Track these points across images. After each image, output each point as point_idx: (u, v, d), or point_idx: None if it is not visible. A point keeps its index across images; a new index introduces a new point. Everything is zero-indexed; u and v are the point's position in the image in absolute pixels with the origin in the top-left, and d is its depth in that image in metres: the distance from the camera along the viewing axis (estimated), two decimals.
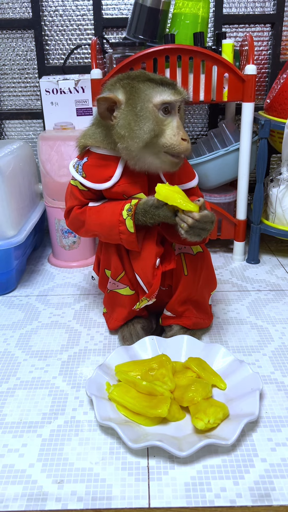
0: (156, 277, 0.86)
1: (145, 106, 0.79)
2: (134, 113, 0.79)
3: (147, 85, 0.80)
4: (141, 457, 0.69)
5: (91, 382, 0.80)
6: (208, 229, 0.81)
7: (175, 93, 0.80)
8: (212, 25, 1.41)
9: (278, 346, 0.94)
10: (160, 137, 0.80)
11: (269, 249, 1.41)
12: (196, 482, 0.65)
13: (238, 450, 0.70)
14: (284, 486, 0.64)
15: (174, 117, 0.81)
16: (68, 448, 0.71)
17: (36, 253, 1.42)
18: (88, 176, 0.88)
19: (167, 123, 0.81)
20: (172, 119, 0.81)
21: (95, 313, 1.08)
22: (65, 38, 1.43)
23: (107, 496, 0.63)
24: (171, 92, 0.80)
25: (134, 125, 0.79)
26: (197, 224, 0.79)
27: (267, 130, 1.19)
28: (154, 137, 0.79)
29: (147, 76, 0.81)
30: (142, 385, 0.77)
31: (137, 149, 0.81)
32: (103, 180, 0.86)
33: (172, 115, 0.81)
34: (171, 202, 0.79)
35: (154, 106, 0.79)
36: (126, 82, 0.81)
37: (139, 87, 0.80)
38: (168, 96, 0.80)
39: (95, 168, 0.87)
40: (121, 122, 0.80)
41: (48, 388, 0.84)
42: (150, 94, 0.79)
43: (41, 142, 1.25)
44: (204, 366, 0.84)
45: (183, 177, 0.90)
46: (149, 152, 0.81)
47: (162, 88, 0.80)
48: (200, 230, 0.80)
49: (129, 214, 0.83)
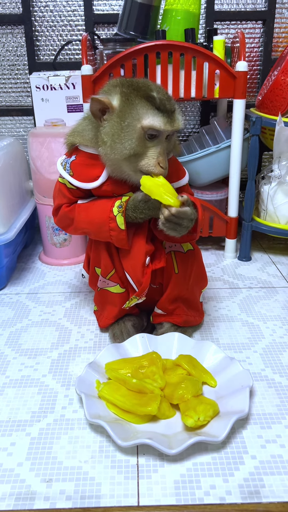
0: (146, 276, 0.85)
1: (133, 124, 0.77)
2: (120, 126, 0.77)
3: (143, 103, 0.77)
4: (131, 455, 0.69)
5: (81, 380, 0.79)
6: (185, 225, 0.80)
7: (167, 123, 0.77)
8: (204, 22, 1.40)
9: (269, 343, 0.94)
10: (139, 157, 0.79)
11: (260, 247, 1.41)
12: (185, 480, 0.65)
13: (228, 447, 0.70)
14: (274, 483, 0.64)
15: (159, 144, 0.79)
16: (57, 447, 0.70)
17: (27, 251, 1.41)
18: (76, 175, 0.87)
19: (150, 147, 0.78)
20: (156, 145, 0.79)
21: (85, 311, 1.08)
22: (55, 34, 1.42)
23: (96, 495, 0.63)
24: (164, 121, 0.77)
25: (117, 138, 0.78)
26: (173, 218, 0.78)
27: (259, 127, 1.19)
28: (133, 155, 0.78)
29: (149, 93, 0.77)
30: (132, 382, 0.76)
31: (115, 160, 0.80)
32: (91, 180, 0.85)
33: (158, 141, 0.79)
34: (154, 195, 0.79)
35: (141, 127, 0.77)
36: (125, 91, 0.78)
37: (135, 102, 0.77)
38: (159, 124, 0.77)
39: (83, 167, 0.86)
40: (107, 129, 0.79)
41: (38, 386, 0.83)
42: (141, 114, 0.76)
43: (31, 139, 1.24)
44: (195, 364, 0.83)
45: (173, 175, 0.89)
46: (127, 165, 0.81)
47: (156, 113, 0.77)
48: (176, 225, 0.79)
49: (120, 211, 0.82)
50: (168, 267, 0.90)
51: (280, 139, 1.18)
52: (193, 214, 0.81)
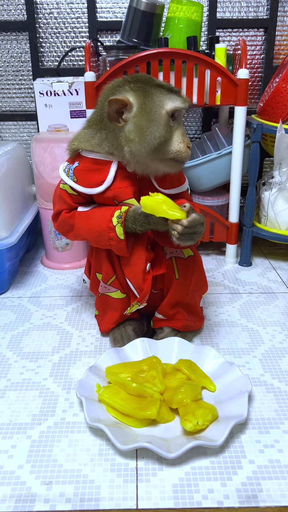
0: (147, 282, 0.86)
1: (158, 111, 0.79)
2: (148, 118, 0.79)
3: (159, 90, 0.80)
4: (130, 459, 0.69)
5: (82, 384, 0.80)
6: (199, 231, 0.82)
7: (184, 101, 0.82)
8: (206, 29, 1.42)
9: (268, 348, 0.95)
10: (167, 143, 0.81)
11: (261, 252, 1.42)
12: (184, 484, 0.65)
13: (227, 451, 0.70)
14: (271, 487, 0.64)
15: (180, 124, 0.83)
16: (57, 450, 0.71)
17: (29, 255, 1.43)
18: (80, 181, 0.87)
19: (174, 130, 0.82)
20: (178, 126, 0.83)
21: (87, 315, 1.09)
22: (59, 40, 1.43)
23: (95, 498, 0.63)
24: (181, 100, 0.82)
25: (146, 130, 0.79)
26: (187, 230, 0.79)
27: (259, 134, 1.20)
28: (162, 143, 0.80)
29: (155, 81, 0.82)
30: (131, 387, 0.77)
31: (144, 154, 0.81)
32: (95, 185, 0.86)
33: (178, 122, 0.83)
34: (158, 214, 0.80)
35: (166, 112, 0.80)
36: (137, 86, 0.80)
37: (152, 92, 0.80)
38: (179, 103, 0.81)
39: (87, 173, 0.87)
40: (131, 126, 0.80)
41: (39, 389, 0.84)
42: (163, 101, 0.80)
43: (34, 144, 1.25)
44: (194, 368, 0.84)
45: (174, 181, 0.91)
46: (155, 157, 0.82)
47: (172, 95, 0.81)
48: (192, 235, 0.81)
49: (119, 221, 0.83)
50: (168, 273, 0.91)
51: (281, 146, 1.19)
52: (202, 218, 0.82)
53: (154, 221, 0.82)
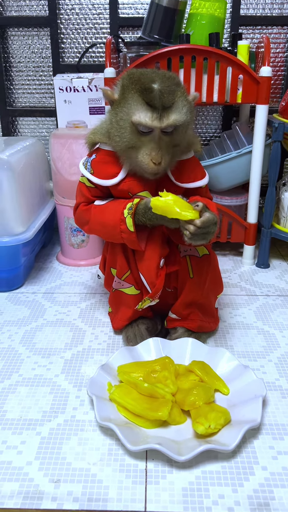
0: (160, 278, 0.85)
1: (125, 118, 0.78)
2: (116, 119, 0.80)
3: (135, 98, 0.77)
4: (140, 460, 0.68)
5: (93, 382, 0.79)
6: (212, 231, 0.80)
7: (156, 119, 0.76)
8: (229, 26, 1.39)
9: (285, 352, 0.93)
10: (135, 150, 0.79)
11: (280, 254, 1.40)
12: (194, 488, 0.64)
13: (239, 457, 0.69)
14: (284, 495, 0.63)
15: (153, 139, 0.78)
16: (67, 448, 0.70)
17: (45, 251, 1.43)
18: (96, 173, 0.88)
19: (144, 141, 0.78)
20: (151, 139, 0.78)
21: (100, 312, 1.08)
22: (80, 36, 1.43)
23: (103, 498, 0.62)
24: (152, 117, 0.76)
25: (115, 130, 0.80)
26: (200, 230, 0.78)
27: (281, 133, 1.17)
28: (131, 147, 0.79)
29: (146, 86, 0.76)
30: (143, 387, 0.76)
31: (120, 150, 0.81)
32: (110, 177, 0.86)
33: (152, 136, 0.78)
34: (171, 215, 0.78)
35: (131, 122, 0.77)
36: (125, 83, 0.79)
37: (128, 97, 0.78)
38: (145, 120, 0.76)
39: (102, 165, 0.87)
40: (108, 120, 0.82)
41: (50, 386, 0.83)
42: (132, 109, 0.77)
43: (53, 140, 1.25)
44: (208, 370, 0.83)
45: (192, 174, 0.89)
46: (129, 157, 0.81)
47: (146, 108, 0.76)
48: (204, 234, 0.79)
49: (129, 213, 0.82)
50: (183, 272, 0.89)
51: None
52: (215, 217, 0.80)
53: (161, 217, 0.81)
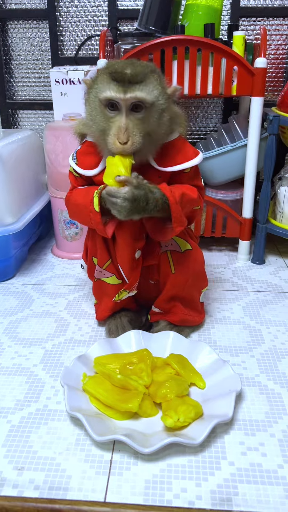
0: (136, 270, 0.84)
1: (95, 99, 0.78)
2: (90, 103, 0.79)
3: (103, 77, 0.76)
4: (106, 451, 0.68)
5: (67, 372, 0.79)
6: (119, 204, 0.75)
7: (121, 91, 0.74)
8: (229, 18, 1.37)
9: (268, 348, 0.91)
10: (106, 133, 0.77)
11: (277, 250, 1.37)
12: (157, 480, 0.63)
13: (207, 451, 0.67)
14: (248, 491, 0.61)
15: (122, 115, 0.76)
16: (35, 436, 0.70)
17: (41, 243, 1.43)
18: (80, 163, 0.88)
19: (114, 121, 0.76)
20: (119, 118, 0.76)
21: (87, 304, 1.07)
22: (79, 29, 1.43)
23: (64, 487, 0.62)
24: (117, 90, 0.74)
25: (89, 115, 0.80)
26: (106, 196, 0.76)
27: (276, 126, 1.15)
28: (103, 131, 0.78)
29: (113, 68, 0.76)
30: (116, 378, 0.75)
31: (96, 137, 0.81)
32: (91, 167, 0.86)
33: (120, 113, 0.76)
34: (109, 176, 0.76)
35: (99, 100, 0.76)
36: (100, 70, 0.79)
37: (98, 78, 0.77)
38: (111, 93, 0.74)
39: (85, 155, 0.87)
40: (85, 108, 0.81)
41: (27, 375, 0.83)
42: (99, 88, 0.76)
43: (47, 132, 1.25)
44: (185, 364, 0.81)
45: (178, 157, 0.85)
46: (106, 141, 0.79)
47: (111, 83, 0.75)
48: (112, 204, 0.76)
49: (97, 193, 0.81)
50: (164, 267, 0.88)
51: None
52: (118, 193, 0.75)
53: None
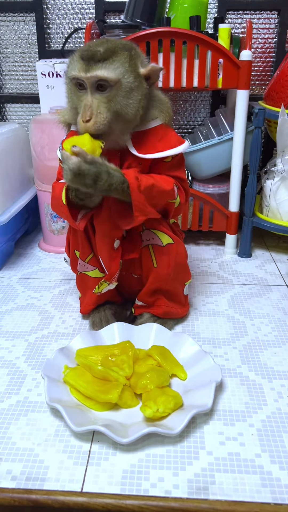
0: (115, 261, 0.84)
1: (67, 78, 0.79)
2: (66, 84, 0.80)
3: (74, 57, 0.77)
4: (85, 442, 0.67)
5: (48, 364, 0.79)
6: (64, 169, 0.74)
7: (83, 70, 0.74)
8: (216, 11, 1.37)
9: (251, 340, 0.91)
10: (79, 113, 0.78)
11: (264, 244, 1.37)
12: (135, 470, 0.63)
13: (186, 441, 0.67)
14: (225, 480, 0.61)
15: (87, 94, 0.75)
16: (14, 428, 0.70)
17: (28, 237, 1.42)
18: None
19: (82, 100, 0.76)
20: (85, 96, 0.76)
21: (72, 298, 1.07)
22: (66, 22, 1.42)
23: (41, 477, 0.62)
24: (80, 68, 0.74)
25: (66, 96, 0.81)
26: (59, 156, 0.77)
27: (262, 119, 1.15)
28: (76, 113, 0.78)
29: (85, 47, 0.77)
30: (97, 369, 0.75)
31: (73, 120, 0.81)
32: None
33: (86, 92, 0.76)
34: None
35: (70, 80, 0.77)
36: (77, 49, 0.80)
37: (71, 58, 0.78)
38: (75, 72, 0.75)
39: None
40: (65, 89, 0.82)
41: (9, 368, 0.83)
42: (69, 67, 0.78)
43: (33, 125, 1.24)
44: (167, 355, 0.81)
45: (159, 144, 0.83)
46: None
47: (78, 61, 0.75)
48: (65, 170, 0.74)
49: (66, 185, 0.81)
50: (146, 261, 0.88)
51: (283, 132, 1.14)
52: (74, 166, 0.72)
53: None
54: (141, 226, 0.87)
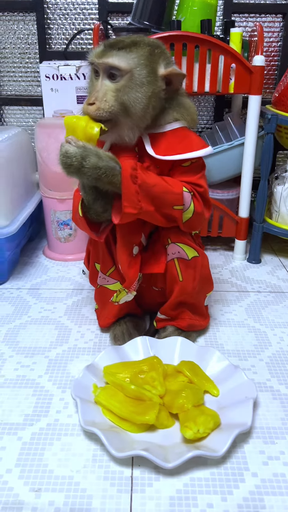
0: (133, 268, 0.82)
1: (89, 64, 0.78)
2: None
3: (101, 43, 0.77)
4: (125, 467, 0.65)
5: (77, 384, 0.76)
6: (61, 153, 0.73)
7: (99, 55, 0.74)
8: (221, 13, 1.35)
9: (276, 351, 0.90)
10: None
11: (271, 249, 1.37)
12: (181, 496, 0.61)
13: (228, 462, 0.66)
14: (275, 503, 0.60)
15: (98, 80, 0.76)
16: (49, 454, 0.67)
17: (31, 244, 1.38)
18: None
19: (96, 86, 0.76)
20: (97, 83, 0.76)
21: (87, 309, 1.04)
22: (68, 22, 1.38)
23: (86, 508, 0.59)
24: (97, 53, 0.75)
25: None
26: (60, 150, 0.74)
27: (274, 125, 1.14)
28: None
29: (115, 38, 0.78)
30: (130, 389, 0.73)
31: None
32: None
33: (99, 78, 0.76)
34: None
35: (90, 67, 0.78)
36: None
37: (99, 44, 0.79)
38: (91, 56, 0.76)
39: None
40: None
41: (33, 387, 0.80)
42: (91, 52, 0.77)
43: (38, 130, 1.20)
44: (197, 371, 0.80)
45: (178, 146, 0.80)
46: None
47: (99, 47, 0.76)
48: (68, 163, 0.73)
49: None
50: (171, 275, 0.86)
51: None
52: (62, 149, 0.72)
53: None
54: (166, 240, 0.84)
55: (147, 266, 0.85)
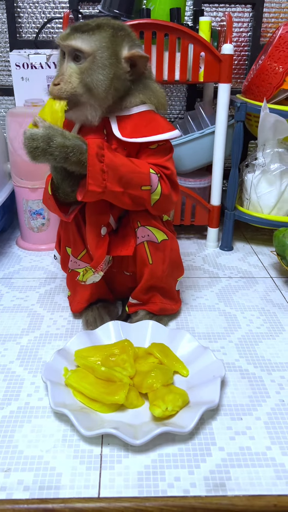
0: (101, 249, 0.83)
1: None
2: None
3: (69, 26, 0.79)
4: (95, 445, 0.66)
5: (48, 367, 0.76)
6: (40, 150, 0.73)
7: (64, 38, 0.76)
8: (192, 3, 1.36)
9: (245, 333, 0.92)
10: None
11: (243, 237, 1.39)
12: (149, 471, 0.62)
13: (196, 438, 0.67)
14: (240, 475, 0.62)
15: (63, 62, 0.78)
16: (19, 435, 0.67)
17: (4, 235, 1.38)
18: None
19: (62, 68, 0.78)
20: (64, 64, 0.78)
21: (60, 297, 1.05)
22: (38, 11, 1.37)
23: (55, 485, 0.60)
24: (62, 35, 0.77)
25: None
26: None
27: (243, 113, 1.16)
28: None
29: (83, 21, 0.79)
30: (100, 370, 0.74)
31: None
32: None
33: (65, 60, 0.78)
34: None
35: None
36: None
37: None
38: (57, 39, 0.77)
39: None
40: None
41: (4, 373, 0.80)
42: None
43: (9, 119, 1.20)
44: (167, 352, 0.81)
45: (145, 129, 0.80)
46: None
47: (66, 30, 0.77)
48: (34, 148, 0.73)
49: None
50: (141, 258, 0.87)
51: (265, 126, 1.16)
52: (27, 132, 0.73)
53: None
54: (136, 223, 0.85)
55: (116, 249, 0.86)
